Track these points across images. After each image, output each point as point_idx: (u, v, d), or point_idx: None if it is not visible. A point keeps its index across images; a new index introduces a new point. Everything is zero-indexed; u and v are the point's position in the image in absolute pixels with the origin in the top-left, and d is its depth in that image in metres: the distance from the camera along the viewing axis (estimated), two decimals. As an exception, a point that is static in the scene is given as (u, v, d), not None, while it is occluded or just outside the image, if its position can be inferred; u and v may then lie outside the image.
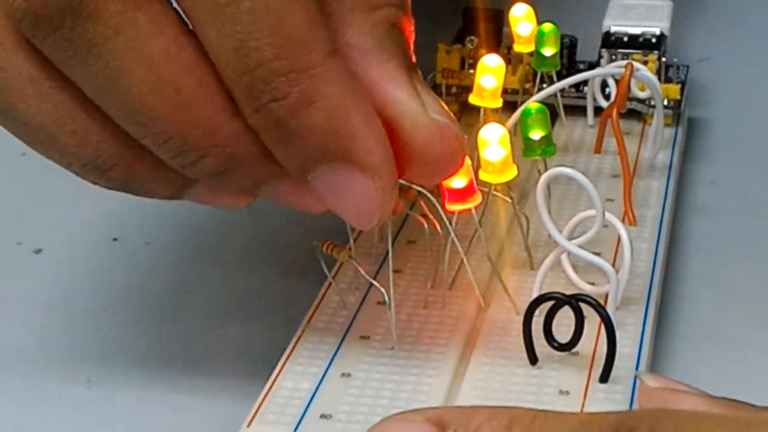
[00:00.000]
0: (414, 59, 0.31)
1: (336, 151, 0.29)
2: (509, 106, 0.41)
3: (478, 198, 0.33)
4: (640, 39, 0.46)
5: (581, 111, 0.45)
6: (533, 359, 0.33)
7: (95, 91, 0.29)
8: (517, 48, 0.43)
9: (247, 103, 0.29)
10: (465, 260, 0.34)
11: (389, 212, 0.31)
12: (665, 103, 0.44)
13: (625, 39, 0.46)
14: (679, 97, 0.45)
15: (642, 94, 0.43)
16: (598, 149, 0.43)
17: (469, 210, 0.33)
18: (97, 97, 0.30)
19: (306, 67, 0.28)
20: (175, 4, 0.29)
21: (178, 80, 0.29)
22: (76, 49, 0.29)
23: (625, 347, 0.33)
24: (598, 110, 0.44)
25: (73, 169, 0.32)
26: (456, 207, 0.33)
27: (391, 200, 0.30)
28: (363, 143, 0.29)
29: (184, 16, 0.29)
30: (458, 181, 0.32)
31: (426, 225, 0.35)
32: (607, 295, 0.34)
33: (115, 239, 0.42)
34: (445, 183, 0.33)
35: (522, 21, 0.43)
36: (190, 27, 0.29)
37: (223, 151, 0.30)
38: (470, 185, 0.33)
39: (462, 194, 0.33)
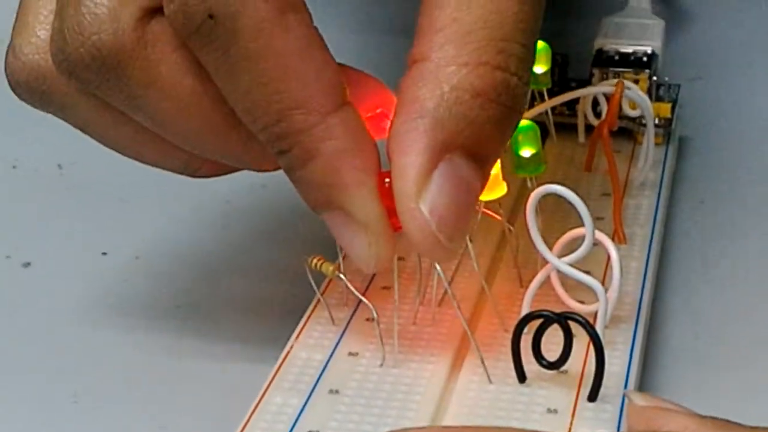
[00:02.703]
0: (493, 139, 0.31)
1: (331, 202, 0.31)
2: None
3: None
4: (632, 57, 0.46)
5: (572, 128, 0.45)
6: (522, 377, 0.33)
7: (150, 127, 0.32)
8: (509, 65, 0.43)
9: (268, 148, 0.31)
10: (447, 286, 0.34)
11: (386, 262, 0.32)
12: (656, 121, 0.44)
13: (617, 57, 0.46)
14: (669, 116, 0.45)
15: (633, 113, 0.43)
16: (588, 167, 0.43)
17: None
18: (154, 130, 0.32)
19: (303, 128, 0.30)
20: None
21: (209, 117, 0.31)
22: (117, 100, 0.31)
23: (614, 366, 0.33)
24: (589, 128, 0.44)
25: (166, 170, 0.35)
26: None
27: (386, 253, 0.32)
28: (354, 199, 0.31)
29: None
30: None
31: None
32: (596, 314, 0.34)
33: (104, 253, 0.42)
34: None
35: (514, 38, 0.43)
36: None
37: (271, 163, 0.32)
38: None
39: None
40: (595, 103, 0.44)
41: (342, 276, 0.34)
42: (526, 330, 0.32)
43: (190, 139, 0.32)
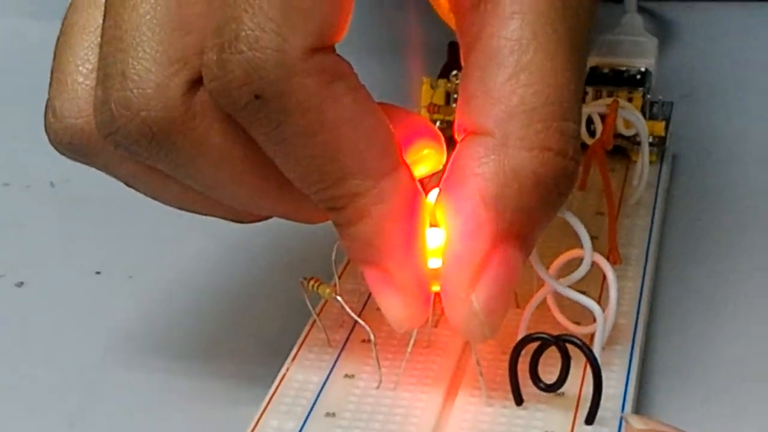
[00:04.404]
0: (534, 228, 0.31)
1: (374, 261, 0.31)
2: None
3: None
4: (626, 75, 0.46)
5: (566, 147, 0.45)
6: (519, 400, 0.32)
7: (200, 190, 0.32)
8: (503, 84, 0.43)
9: (318, 205, 0.31)
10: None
11: (419, 324, 0.32)
12: (650, 140, 0.43)
13: (611, 75, 0.46)
14: (663, 134, 0.45)
15: (627, 132, 0.43)
16: (583, 186, 0.43)
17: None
18: (204, 193, 0.32)
19: (357, 193, 0.30)
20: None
21: (260, 182, 0.31)
22: (167, 169, 0.31)
23: (611, 388, 0.33)
24: (583, 146, 0.44)
25: None
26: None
27: (422, 316, 0.32)
28: (398, 263, 0.31)
29: None
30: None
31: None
32: (592, 335, 0.34)
33: (98, 272, 0.42)
34: None
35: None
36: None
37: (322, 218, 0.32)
38: None
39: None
40: (589, 121, 0.44)
41: (338, 298, 0.34)
42: (523, 352, 0.32)
43: (241, 201, 0.32)
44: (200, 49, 0.30)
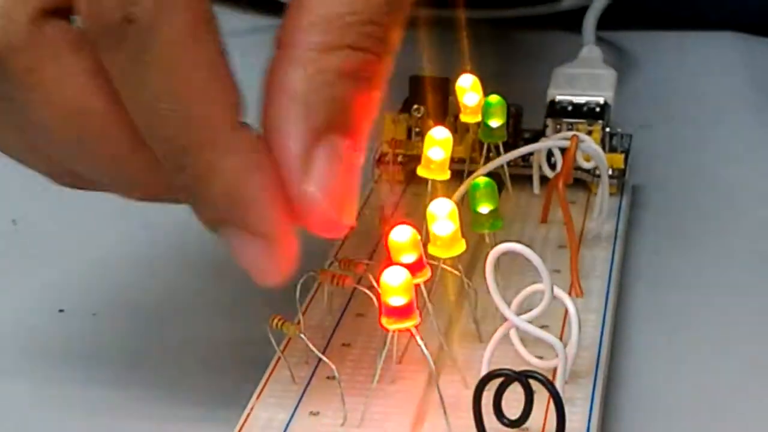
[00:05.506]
0: (366, 115, 0.32)
1: (232, 218, 0.31)
2: (456, 175, 0.41)
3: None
4: (585, 108, 0.46)
5: (527, 180, 0.45)
6: (483, 436, 0.33)
7: (23, 128, 0.32)
8: (464, 118, 0.43)
9: (163, 162, 0.31)
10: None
11: (288, 271, 0.32)
12: (610, 172, 0.44)
13: (570, 108, 0.46)
14: (623, 166, 0.45)
15: (587, 165, 0.44)
16: (544, 219, 0.43)
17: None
18: (27, 131, 0.32)
19: (205, 143, 0.30)
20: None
21: (90, 130, 0.31)
22: None
23: (575, 422, 0.33)
24: (544, 179, 0.45)
25: None
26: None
27: (288, 261, 0.32)
28: (257, 213, 0.31)
29: None
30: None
31: (374, 298, 0.34)
32: (555, 369, 0.34)
33: (61, 310, 0.42)
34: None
35: (468, 92, 0.43)
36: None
37: (151, 186, 0.32)
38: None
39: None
40: (550, 154, 0.45)
41: (302, 335, 0.34)
42: (487, 387, 0.32)
43: (61, 149, 0.32)
44: None
